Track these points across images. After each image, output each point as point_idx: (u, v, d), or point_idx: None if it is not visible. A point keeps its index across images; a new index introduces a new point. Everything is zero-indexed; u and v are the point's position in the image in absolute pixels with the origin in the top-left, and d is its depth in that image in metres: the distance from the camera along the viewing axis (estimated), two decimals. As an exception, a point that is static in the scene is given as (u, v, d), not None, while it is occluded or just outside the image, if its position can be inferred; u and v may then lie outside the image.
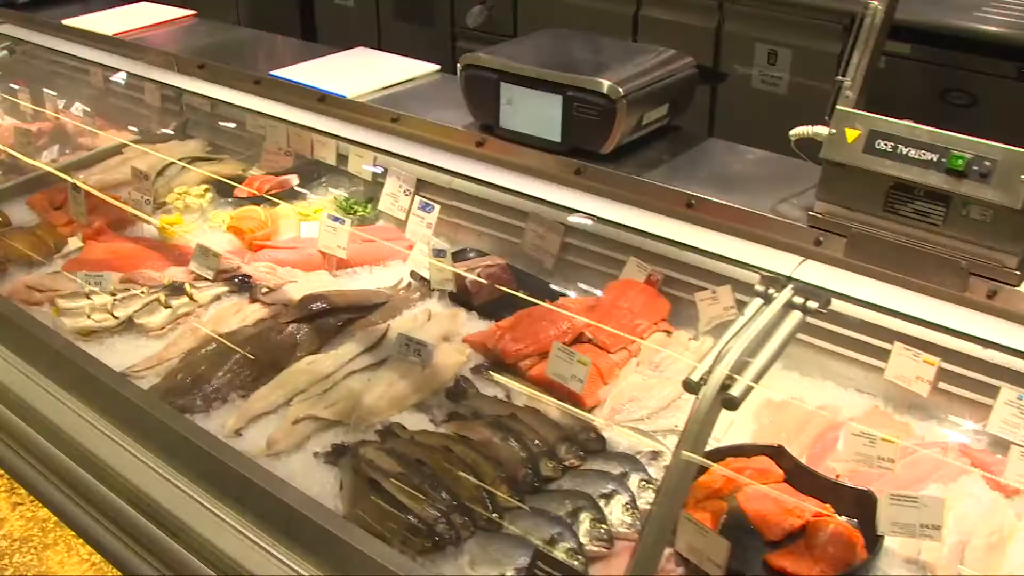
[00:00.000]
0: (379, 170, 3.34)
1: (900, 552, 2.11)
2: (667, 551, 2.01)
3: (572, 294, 2.91)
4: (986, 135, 2.82)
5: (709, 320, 2.68)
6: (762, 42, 4.31)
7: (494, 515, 2.10)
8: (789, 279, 2.02)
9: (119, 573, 2.62)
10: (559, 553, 1.98)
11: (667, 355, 2.61)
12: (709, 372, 1.76)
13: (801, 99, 4.14)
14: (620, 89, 2.54)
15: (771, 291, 1.99)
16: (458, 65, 2.69)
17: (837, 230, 2.31)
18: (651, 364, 2.60)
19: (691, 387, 1.76)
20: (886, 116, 2.19)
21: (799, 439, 2.41)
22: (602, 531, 2.04)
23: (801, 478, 2.24)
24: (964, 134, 2.18)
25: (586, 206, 2.57)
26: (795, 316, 1.93)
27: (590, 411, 2.47)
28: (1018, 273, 2.13)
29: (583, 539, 2.03)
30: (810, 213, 2.32)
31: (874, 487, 2.18)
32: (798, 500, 2.17)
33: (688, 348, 2.66)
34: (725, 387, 1.74)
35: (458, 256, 3.07)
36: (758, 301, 1.96)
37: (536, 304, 2.61)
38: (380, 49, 3.41)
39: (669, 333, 2.71)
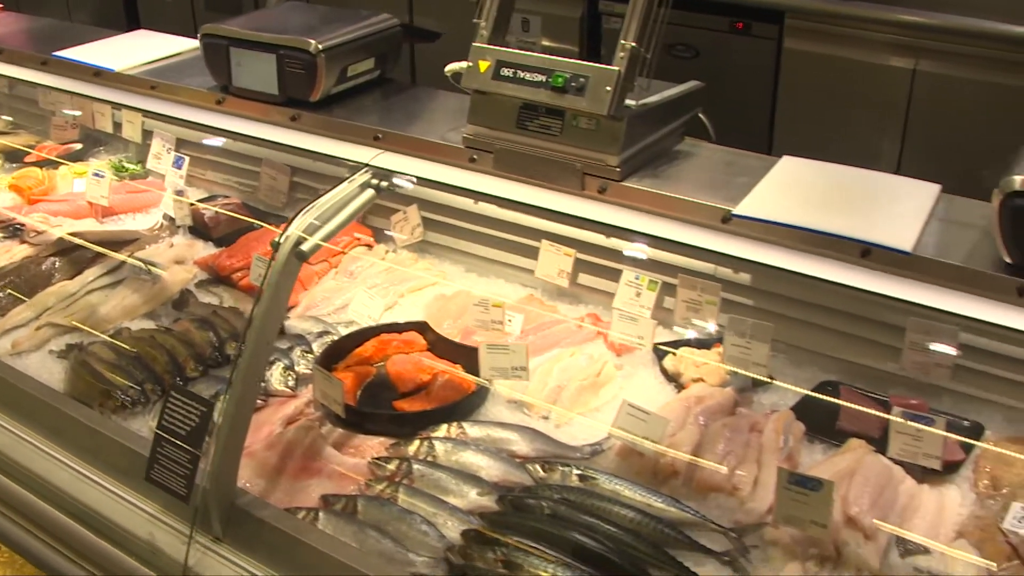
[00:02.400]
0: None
1: (505, 394, 2.63)
2: (307, 398, 2.54)
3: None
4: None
5: (401, 239, 3.21)
6: (516, 11, 4.83)
7: (179, 381, 2.61)
8: (367, 165, 2.52)
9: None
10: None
11: (361, 264, 3.13)
12: (285, 234, 2.26)
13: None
14: (320, 45, 3.04)
15: (352, 175, 2.50)
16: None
17: (485, 148, 2.83)
18: (347, 272, 3.12)
19: (273, 246, 2.27)
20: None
21: (458, 322, 2.94)
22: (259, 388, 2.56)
23: (441, 347, 2.77)
24: None
25: (307, 144, 3.01)
26: (368, 192, 2.44)
27: (289, 310, 2.98)
28: (619, 170, 2.65)
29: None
30: (463, 136, 2.84)
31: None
32: (432, 361, 2.69)
33: (384, 258, 3.18)
34: (298, 244, 2.25)
35: (208, 200, 3.57)
36: (344, 183, 2.46)
37: (256, 226, 3.11)
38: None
39: (370, 247, 3.23)
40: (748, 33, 4.45)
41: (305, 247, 2.24)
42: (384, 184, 2.49)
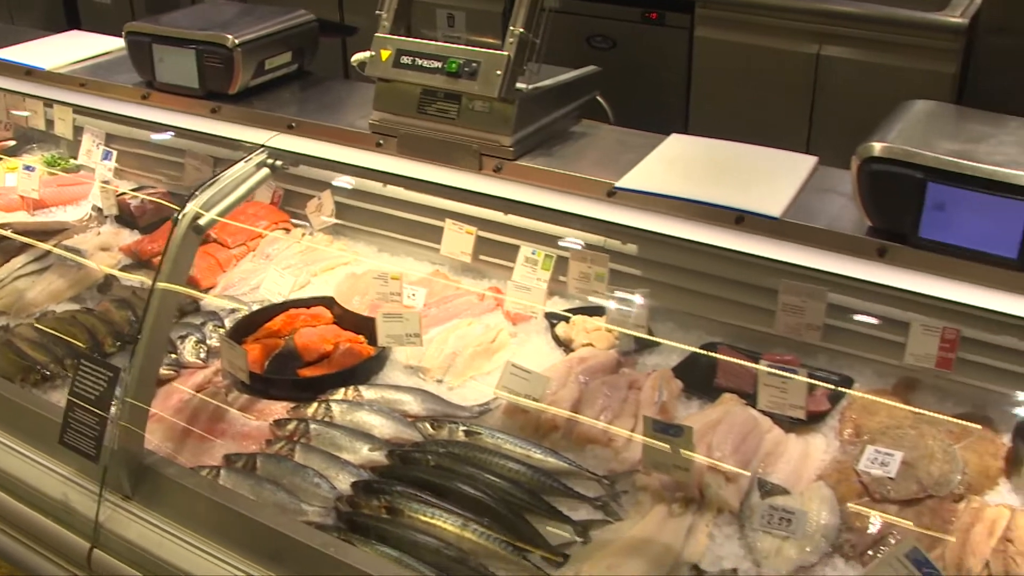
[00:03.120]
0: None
1: (402, 360, 2.80)
2: (216, 367, 2.70)
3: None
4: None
5: (320, 222, 3.37)
6: (441, 7, 5.02)
7: (97, 355, 2.76)
8: (262, 146, 2.68)
9: None
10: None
11: (278, 247, 3.30)
12: (183, 211, 2.43)
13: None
14: (236, 40, 3.21)
15: (249, 156, 2.66)
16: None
17: (390, 132, 3.00)
18: (264, 255, 3.28)
19: (173, 222, 2.43)
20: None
21: (366, 297, 3.10)
22: (172, 359, 2.71)
23: (347, 319, 2.94)
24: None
25: (231, 133, 3.14)
26: (264, 171, 2.60)
27: (207, 290, 3.14)
28: (512, 149, 2.82)
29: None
30: (370, 122, 3.01)
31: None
32: (336, 333, 2.86)
33: (300, 241, 3.35)
34: (196, 219, 2.42)
35: (137, 191, 3.72)
36: (240, 163, 2.62)
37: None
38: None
39: (287, 231, 3.40)
40: (662, 23, 4.64)
41: (202, 221, 2.40)
42: (279, 163, 2.65)
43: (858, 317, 2.72)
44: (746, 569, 2.16)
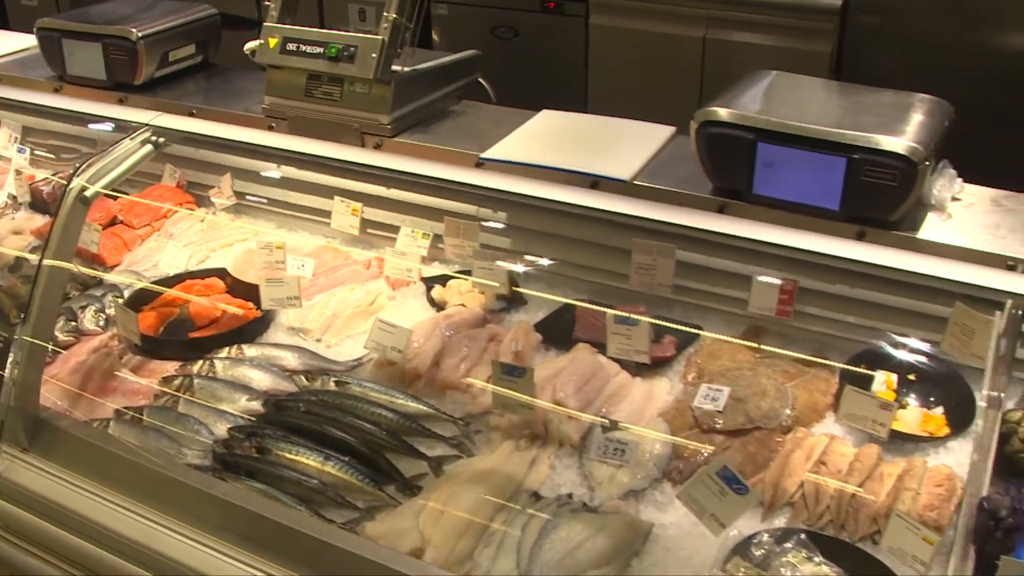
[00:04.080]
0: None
1: (286, 323, 3.04)
2: (113, 332, 2.92)
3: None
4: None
5: (222, 202, 3.60)
6: (353, 2, 5.25)
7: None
8: (147, 125, 2.91)
9: None
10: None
11: (181, 226, 3.52)
12: (70, 185, 2.65)
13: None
14: (140, 33, 3.44)
15: (134, 135, 2.89)
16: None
17: (281, 116, 3.24)
18: (168, 234, 3.51)
19: (62, 194, 2.66)
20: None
21: (260, 270, 3.32)
22: (72, 326, 2.93)
23: (238, 288, 3.17)
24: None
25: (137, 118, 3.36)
26: (147, 148, 2.83)
27: (111, 268, 3.36)
28: (390, 127, 3.06)
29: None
30: (262, 106, 3.24)
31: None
32: (227, 300, 3.09)
33: (204, 220, 3.58)
34: (83, 191, 2.65)
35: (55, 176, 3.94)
36: (126, 140, 2.85)
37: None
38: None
39: (192, 210, 3.62)
40: (559, 12, 4.89)
41: (88, 193, 2.63)
42: (162, 140, 2.88)
43: (709, 272, 2.96)
44: (581, 495, 2.41)
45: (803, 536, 2.23)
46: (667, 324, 2.85)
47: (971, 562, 2.05)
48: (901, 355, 2.62)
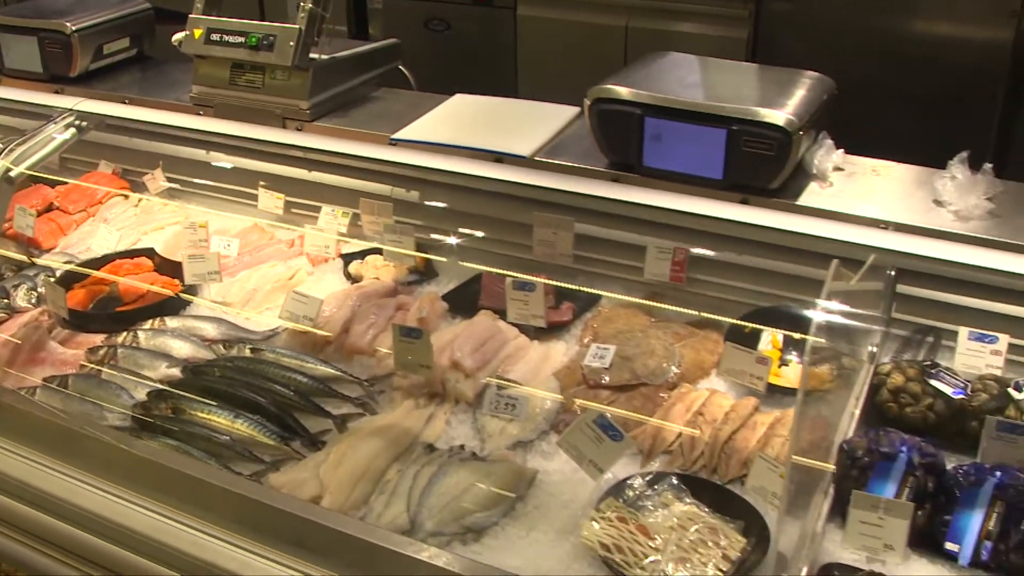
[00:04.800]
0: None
1: (209, 298, 3.22)
2: (43, 308, 3.10)
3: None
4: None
5: (155, 187, 3.77)
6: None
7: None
8: (70, 110, 3.10)
9: None
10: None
11: (116, 211, 3.70)
12: (-5, 167, 2.84)
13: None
14: (73, 27, 3.63)
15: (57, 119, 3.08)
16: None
17: (207, 103, 3.42)
18: (103, 219, 3.69)
19: (-13, 179, 2.85)
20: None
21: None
22: (5, 303, 3.12)
23: (166, 267, 3.35)
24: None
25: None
26: (71, 131, 3.01)
27: (47, 252, 3.54)
28: (309, 112, 3.25)
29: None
30: (190, 95, 3.43)
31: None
32: (154, 278, 3.27)
33: (138, 205, 3.76)
34: (7, 172, 2.83)
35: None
36: (50, 124, 3.04)
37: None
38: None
39: (126, 197, 3.80)
40: (489, 4, 5.08)
41: (12, 174, 2.82)
42: (85, 124, 3.06)
43: (608, 244, 3.14)
44: (473, 446, 2.60)
45: (675, 480, 2.42)
46: (566, 287, 3.02)
47: (831, 498, 2.25)
48: (788, 315, 2.75)
